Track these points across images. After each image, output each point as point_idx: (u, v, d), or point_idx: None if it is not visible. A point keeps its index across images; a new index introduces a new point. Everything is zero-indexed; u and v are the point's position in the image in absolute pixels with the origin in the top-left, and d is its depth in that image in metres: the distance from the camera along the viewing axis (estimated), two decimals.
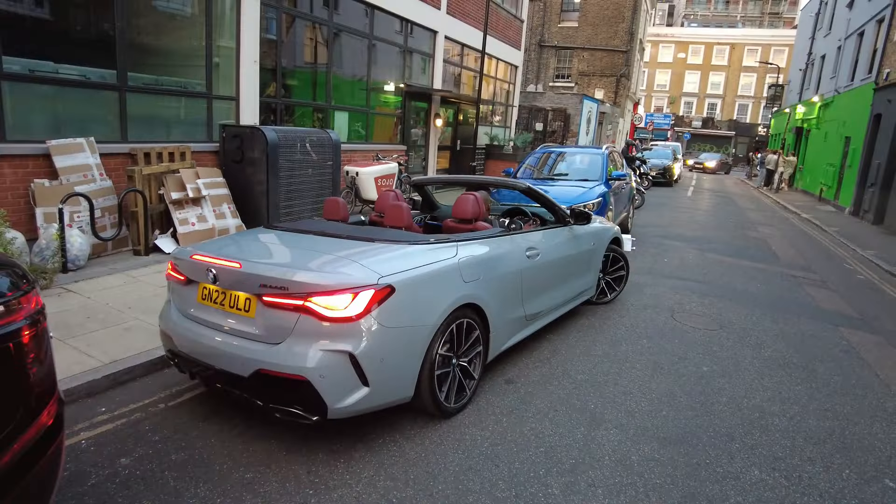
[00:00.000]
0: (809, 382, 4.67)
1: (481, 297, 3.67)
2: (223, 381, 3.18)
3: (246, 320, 3.09)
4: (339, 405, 2.92)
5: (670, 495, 2.96)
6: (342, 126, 11.82)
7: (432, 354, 3.29)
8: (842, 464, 3.45)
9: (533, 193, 5.09)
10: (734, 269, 8.77)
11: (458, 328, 3.53)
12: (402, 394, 3.24)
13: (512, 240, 4.30)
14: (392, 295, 3.02)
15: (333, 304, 2.87)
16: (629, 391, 4.15)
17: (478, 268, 3.71)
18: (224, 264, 3.13)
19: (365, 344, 2.93)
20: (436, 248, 3.55)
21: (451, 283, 3.44)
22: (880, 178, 15.49)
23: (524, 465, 3.13)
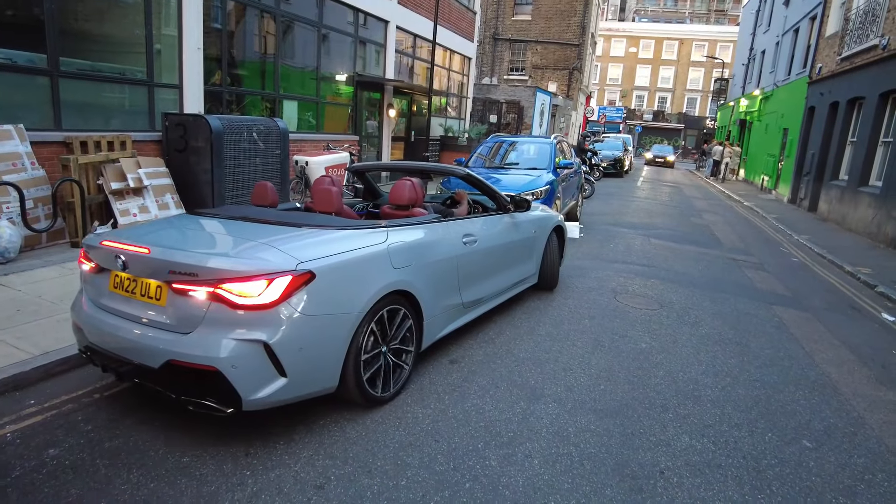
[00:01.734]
0: (742, 356, 4.90)
1: (413, 284, 3.63)
2: (135, 373, 3.05)
3: (157, 308, 2.97)
4: (254, 397, 2.83)
5: (604, 463, 3.07)
6: (292, 115, 11.63)
7: (358, 343, 3.22)
8: (765, 428, 3.64)
9: (472, 180, 5.07)
10: (678, 254, 9.08)
11: (389, 315, 3.49)
12: (326, 384, 3.16)
13: (447, 226, 4.25)
14: (312, 281, 2.95)
15: (247, 290, 2.78)
16: (569, 367, 4.27)
17: (409, 254, 3.67)
18: (133, 250, 3.01)
19: (281, 333, 2.84)
20: (364, 233, 3.47)
21: (379, 270, 3.39)
22: (814, 167, 16.27)
23: (463, 440, 3.19)
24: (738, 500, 2.86)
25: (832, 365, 4.97)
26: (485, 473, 2.89)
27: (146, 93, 8.33)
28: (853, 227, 13.08)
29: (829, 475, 3.18)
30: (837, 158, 15.05)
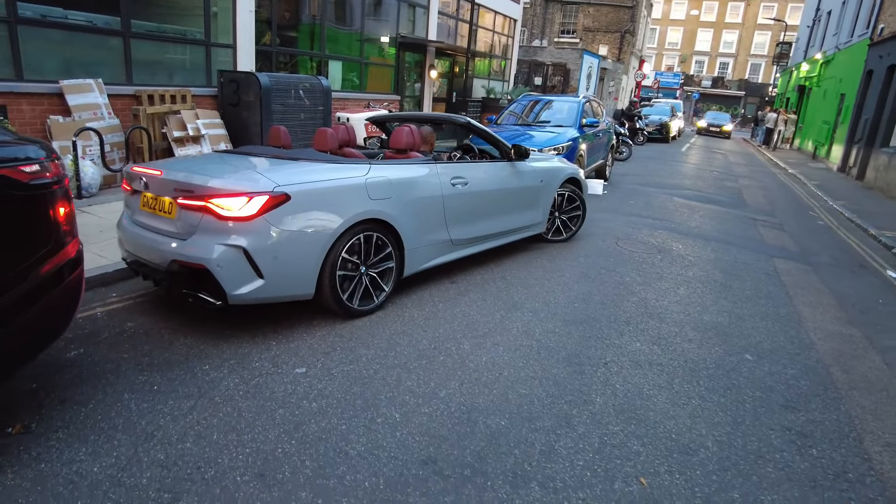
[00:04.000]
0: (721, 292, 5.40)
1: (390, 215, 4.12)
2: (155, 274, 3.78)
3: (169, 221, 3.64)
4: (237, 293, 3.46)
5: (558, 354, 3.74)
6: (336, 75, 12.37)
7: (333, 260, 3.77)
8: (715, 343, 4.20)
9: (471, 127, 5.46)
10: (696, 211, 9.41)
11: (367, 241, 4.04)
12: (302, 290, 3.74)
13: (435, 168, 4.67)
14: (287, 202, 3.53)
15: (230, 205, 3.40)
16: (552, 290, 4.91)
17: (388, 188, 4.16)
18: (150, 172, 3.74)
19: (258, 241, 3.44)
20: (346, 167, 4.03)
21: (354, 198, 3.91)
22: (866, 134, 15.82)
23: (446, 331, 3.91)
24: (665, 387, 3.48)
25: (808, 306, 5.39)
26: (457, 352, 3.62)
27: (204, 52, 9.23)
28: None
29: (756, 378, 3.74)
30: (890, 124, 14.63)
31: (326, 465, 2.51)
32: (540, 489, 2.47)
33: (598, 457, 2.73)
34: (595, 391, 3.32)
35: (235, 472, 2.43)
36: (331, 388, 3.13)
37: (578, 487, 2.50)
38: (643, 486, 2.56)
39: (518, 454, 2.68)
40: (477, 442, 2.75)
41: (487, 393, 3.18)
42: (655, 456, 2.78)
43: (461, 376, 3.35)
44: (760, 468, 2.80)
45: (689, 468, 2.72)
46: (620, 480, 2.58)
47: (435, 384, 3.24)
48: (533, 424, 2.93)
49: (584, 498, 2.44)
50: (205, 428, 2.73)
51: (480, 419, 2.93)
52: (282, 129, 4.92)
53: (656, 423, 3.07)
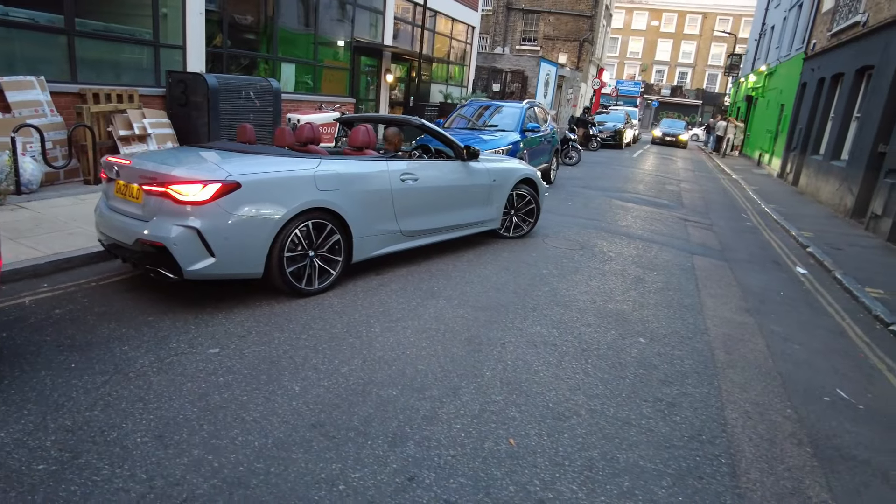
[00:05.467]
0: (633, 284, 5.81)
1: (338, 205, 4.54)
2: (123, 252, 4.21)
3: (136, 205, 4.10)
4: (191, 268, 3.90)
5: (460, 335, 4.06)
6: (289, 77, 12.54)
7: (281, 243, 4.18)
8: (612, 328, 4.58)
9: (426, 129, 5.91)
10: (631, 212, 9.90)
11: (316, 227, 4.45)
12: (251, 269, 4.16)
13: (385, 164, 5.13)
14: (238, 189, 3.96)
15: (186, 191, 3.85)
16: (471, 281, 5.24)
17: (336, 180, 4.58)
18: (120, 162, 4.21)
19: (210, 223, 3.87)
20: (297, 161, 4.49)
21: (302, 188, 4.33)
22: (800, 142, 16.72)
23: (361, 317, 4.19)
24: (554, 364, 3.82)
25: (713, 297, 5.84)
26: (367, 335, 3.90)
27: (152, 52, 9.32)
28: (823, 199, 13.67)
29: (643, 358, 4.12)
30: (819, 133, 15.51)
31: (222, 428, 2.76)
32: (415, 447, 2.76)
33: (475, 421, 3.04)
34: (487, 366, 3.64)
35: (136, 435, 2.66)
36: (240, 366, 3.38)
37: (451, 446, 2.80)
38: (511, 445, 2.88)
39: (402, 419, 2.97)
40: (366, 409, 3.03)
41: (387, 369, 3.47)
42: (529, 421, 3.11)
43: (365, 355, 3.63)
44: (624, 432, 3.15)
45: (558, 431, 3.05)
46: (491, 441, 2.89)
47: (339, 362, 3.51)
48: (422, 394, 3.22)
49: (454, 455, 2.74)
50: (114, 399, 2.94)
51: (374, 390, 3.21)
52: (248, 127, 5.40)
53: (537, 394, 3.40)
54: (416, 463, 2.65)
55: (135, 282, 4.68)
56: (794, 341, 4.96)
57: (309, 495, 2.37)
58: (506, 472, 2.67)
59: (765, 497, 2.79)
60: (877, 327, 5.67)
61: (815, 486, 2.94)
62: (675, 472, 2.85)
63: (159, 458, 2.51)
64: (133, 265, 4.35)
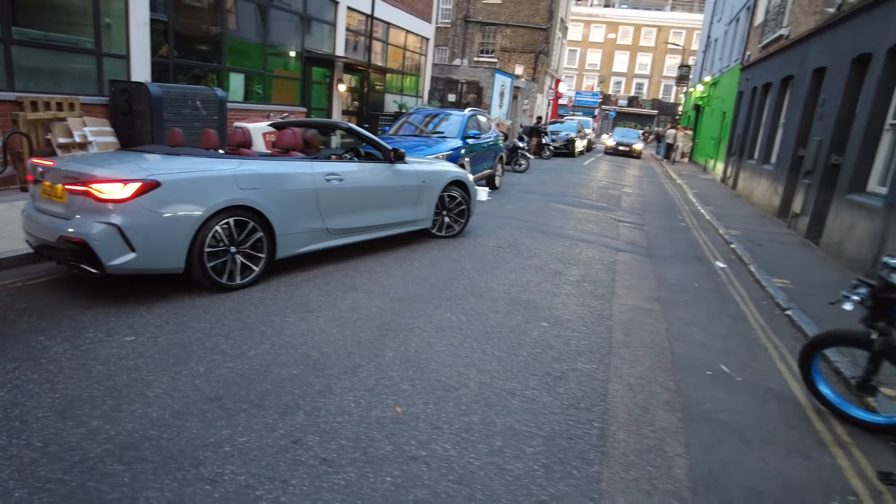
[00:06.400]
0: (550, 277, 6.16)
1: (260, 203, 4.76)
2: (52, 251, 4.35)
3: (61, 205, 4.29)
4: (112, 263, 4.10)
5: (372, 322, 4.32)
6: (238, 87, 12.69)
7: (202, 239, 4.38)
8: (519, 314, 4.90)
9: (354, 132, 6.24)
10: (566, 214, 10.33)
11: (238, 224, 4.67)
12: (172, 264, 4.36)
13: (310, 165, 5.38)
14: (158, 188, 4.19)
15: (107, 189, 4.07)
16: (394, 276, 5.52)
17: (257, 180, 4.81)
18: (44, 163, 4.42)
19: (130, 220, 4.09)
20: (218, 161, 4.74)
21: (223, 187, 4.55)
22: (737, 148, 17.57)
23: (278, 308, 4.42)
24: (456, 345, 4.11)
25: (627, 288, 6.24)
26: (280, 323, 4.13)
27: (95, 61, 9.39)
28: (755, 201, 14.41)
29: (542, 340, 4.44)
30: (753, 139, 16.34)
31: (124, 403, 2.96)
32: (305, 416, 3.01)
33: (368, 394, 3.30)
34: (390, 348, 3.91)
35: (39, 411, 2.84)
36: (152, 351, 3.57)
37: (339, 414, 3.06)
38: (397, 413, 3.15)
39: (297, 393, 3.22)
40: (265, 385, 3.27)
41: (292, 352, 3.71)
42: (419, 393, 3.39)
43: (274, 341, 3.86)
44: (507, 401, 3.45)
45: (444, 400, 3.34)
46: (379, 410, 3.16)
47: (247, 347, 3.73)
48: (321, 373, 3.48)
49: (341, 422, 3.00)
50: (23, 381, 3.11)
51: (276, 370, 3.45)
52: (177, 131, 5.55)
53: (433, 370, 3.68)
54: (302, 429, 2.89)
55: (61, 282, 4.81)
56: (694, 326, 5.36)
57: (195, 455, 2.60)
58: (386, 435, 2.93)
59: (625, 453, 3.11)
60: (776, 313, 6.14)
61: (674, 444, 3.29)
62: (546, 434, 3.16)
63: (58, 430, 2.70)
64: (57, 263, 4.51)
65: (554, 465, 2.88)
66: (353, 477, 2.59)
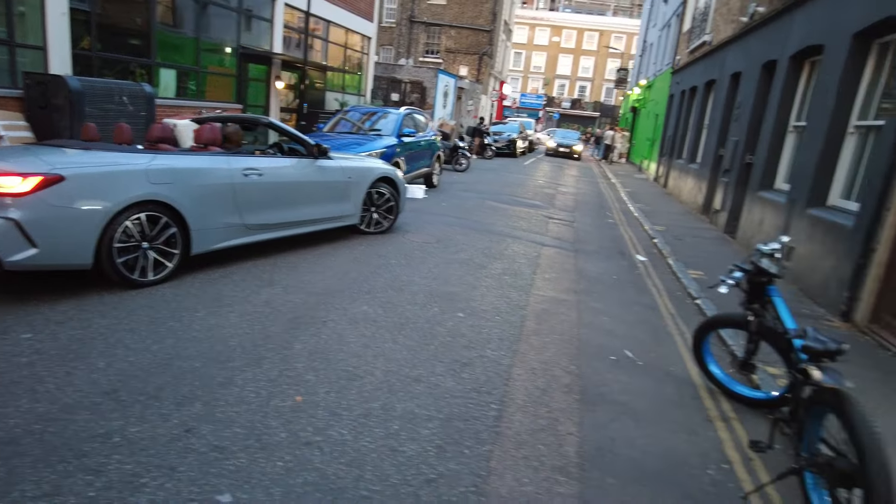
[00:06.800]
0: (473, 270, 6.32)
1: (172, 198, 4.72)
2: None
3: None
4: (12, 259, 3.96)
5: (285, 316, 4.36)
6: (169, 83, 12.35)
7: (110, 234, 4.31)
8: (437, 306, 5.02)
9: (275, 128, 6.26)
10: (499, 212, 10.57)
11: (150, 220, 4.60)
12: (79, 260, 4.26)
13: (226, 160, 5.35)
14: (61, 182, 4.08)
15: (5, 183, 3.94)
16: (315, 271, 5.55)
17: (170, 174, 4.76)
18: None
19: (30, 215, 3.95)
20: (129, 156, 4.64)
21: (133, 182, 4.49)
22: (668, 148, 18.34)
23: (190, 304, 4.39)
24: (368, 336, 4.20)
25: (546, 280, 6.46)
26: (189, 319, 4.11)
27: (7, 52, 8.97)
28: (683, 199, 15.10)
29: (455, 329, 4.57)
30: (682, 140, 17.11)
31: (10, 400, 2.90)
32: (201, 406, 3.03)
33: (270, 384, 3.35)
34: (299, 341, 3.96)
35: None
36: (49, 348, 3.50)
37: (237, 404, 3.10)
38: (297, 401, 3.21)
39: (196, 385, 3.23)
40: (164, 378, 3.26)
41: (197, 346, 3.71)
42: (323, 382, 3.45)
43: (180, 335, 3.84)
44: (411, 387, 3.56)
45: (347, 389, 3.42)
46: (279, 399, 3.21)
47: (152, 342, 3.70)
48: (224, 365, 3.49)
49: (238, 411, 3.04)
50: None
51: (178, 363, 3.45)
52: (90, 126, 5.39)
53: (340, 360, 3.75)
54: (197, 418, 2.91)
55: None
56: (606, 315, 5.63)
57: (80, 447, 2.58)
58: (283, 423, 2.99)
59: (518, 433, 3.27)
60: (687, 302, 6.49)
61: (567, 423, 3.47)
62: (444, 417, 3.29)
63: None
64: None
65: (447, 446, 3.01)
66: (244, 462, 2.64)
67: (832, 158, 7.26)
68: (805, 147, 7.95)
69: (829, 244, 6.65)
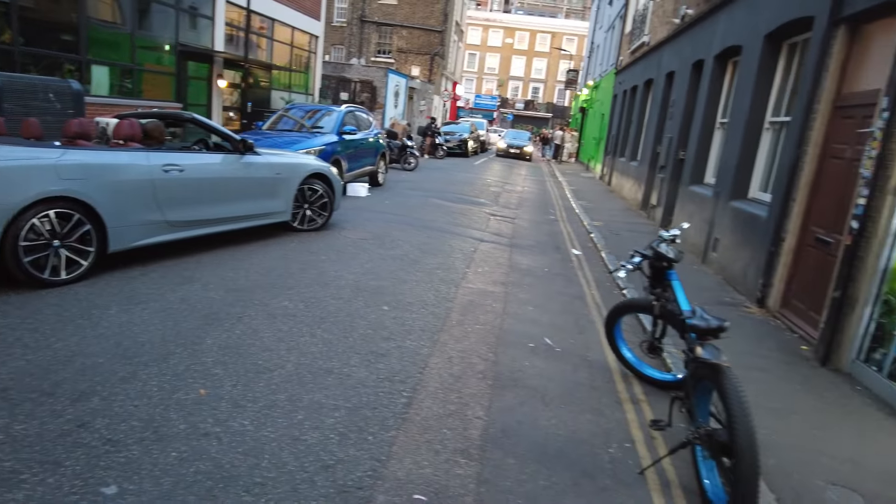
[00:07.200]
0: (406, 265, 6.37)
1: (86, 194, 4.61)
2: None
3: None
4: None
5: (199, 311, 4.31)
6: (102, 80, 11.97)
7: (16, 232, 4.18)
8: (362, 300, 5.05)
9: (198, 123, 6.15)
10: (443, 209, 10.66)
11: (61, 217, 4.48)
12: None
13: (144, 155, 5.24)
14: None
15: None
16: (239, 268, 5.50)
17: (82, 170, 4.65)
18: None
19: None
20: (37, 150, 4.51)
21: (39, 177, 4.36)
22: (612, 146, 18.83)
23: (103, 302, 4.30)
24: (285, 330, 4.19)
25: (478, 274, 6.57)
26: (99, 316, 4.03)
27: None
28: (625, 195, 15.54)
29: (377, 322, 4.62)
30: (624, 139, 17.60)
31: None
32: (99, 401, 2.98)
33: (175, 379, 3.32)
34: (211, 336, 3.93)
35: None
36: None
37: (137, 398, 3.06)
38: (201, 394, 3.19)
39: (97, 380, 3.18)
40: (63, 375, 3.19)
41: (103, 342, 3.64)
42: (230, 376, 3.44)
43: (87, 333, 3.76)
44: (321, 379, 3.58)
45: (255, 382, 3.41)
46: (182, 392, 3.18)
47: (55, 339, 3.61)
48: (130, 361, 3.44)
49: (138, 405, 3.00)
50: None
51: (80, 360, 3.38)
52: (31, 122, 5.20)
53: (251, 354, 3.75)
54: (92, 413, 2.87)
55: None
56: (531, 305, 5.76)
57: None
58: (183, 415, 2.97)
59: (425, 418, 3.34)
60: (614, 293, 6.70)
61: (476, 408, 3.56)
62: (352, 406, 3.32)
63: None
64: None
65: (350, 433, 3.05)
66: (136, 454, 2.62)
67: (751, 153, 7.63)
68: (729, 143, 8.32)
69: (748, 234, 6.99)
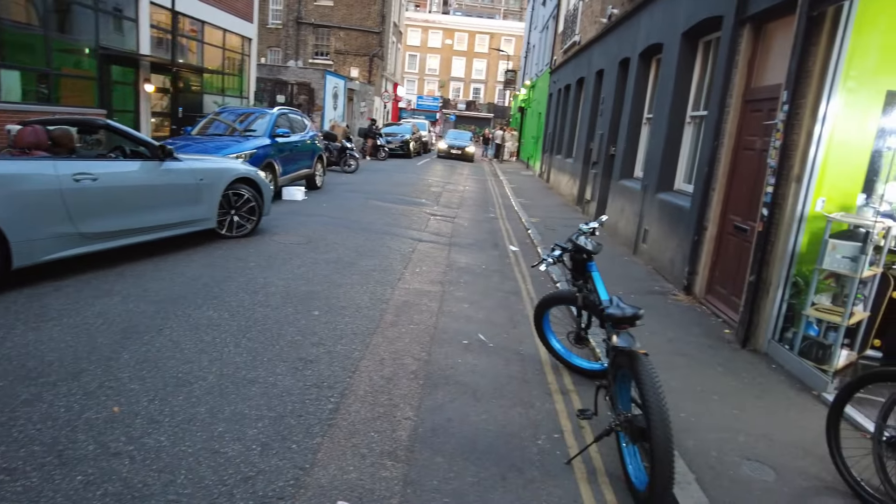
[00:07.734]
0: (341, 268, 6.28)
1: None
2: None
3: None
4: None
5: (118, 326, 4.12)
6: (13, 85, 11.28)
7: None
8: (291, 306, 4.95)
9: (112, 129, 5.86)
10: (383, 211, 10.60)
11: None
12: None
13: (51, 164, 4.95)
14: None
15: None
16: (161, 278, 5.29)
17: None
18: None
19: None
20: None
21: None
22: (549, 144, 19.22)
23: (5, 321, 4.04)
24: (208, 342, 4.06)
25: (415, 274, 6.55)
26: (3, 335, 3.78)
27: None
28: (562, 192, 15.88)
29: (303, 328, 4.53)
30: (560, 136, 17.99)
31: None
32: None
33: (85, 398, 3.15)
34: (128, 351, 3.76)
35: None
36: None
37: (40, 421, 2.89)
38: (115, 412, 3.05)
39: None
40: None
41: (5, 365, 3.42)
42: (147, 391, 3.30)
43: None
44: (245, 389, 3.48)
45: (173, 396, 3.28)
46: (93, 412, 3.03)
47: None
48: (34, 381, 3.25)
49: (40, 428, 2.83)
50: None
51: None
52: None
53: (171, 368, 3.60)
54: None
55: None
56: (466, 302, 5.80)
57: None
58: (92, 436, 2.82)
59: (353, 423, 3.29)
60: (548, 286, 6.82)
61: (406, 408, 3.54)
62: (276, 415, 3.24)
63: None
64: None
65: (273, 443, 2.97)
66: (35, 482, 2.47)
67: (675, 146, 7.94)
68: (654, 137, 8.62)
69: (674, 225, 7.26)
